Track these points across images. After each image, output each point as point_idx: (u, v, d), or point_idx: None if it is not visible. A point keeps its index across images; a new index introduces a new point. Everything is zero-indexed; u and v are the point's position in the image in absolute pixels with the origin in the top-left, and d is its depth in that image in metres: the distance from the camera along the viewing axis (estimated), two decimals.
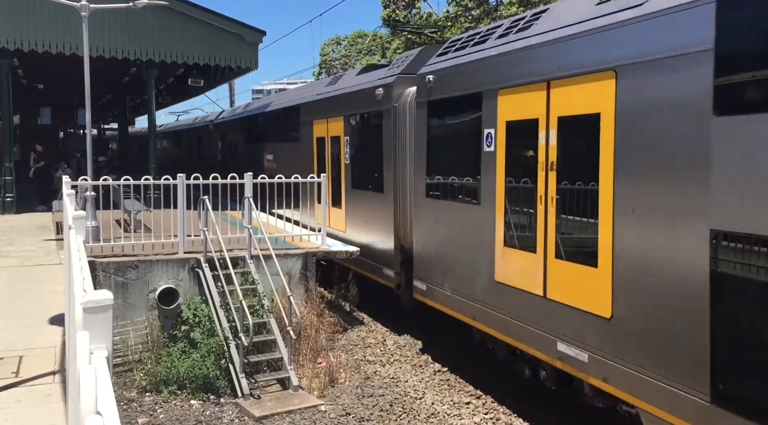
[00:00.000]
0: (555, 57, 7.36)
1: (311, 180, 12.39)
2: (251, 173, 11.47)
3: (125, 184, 11.27)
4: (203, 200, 10.72)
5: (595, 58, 6.71)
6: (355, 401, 9.02)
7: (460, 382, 9.78)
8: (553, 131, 7.35)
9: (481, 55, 8.92)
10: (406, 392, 9.37)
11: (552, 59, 7.40)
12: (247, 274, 10.56)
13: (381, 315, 13.30)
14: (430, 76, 10.13)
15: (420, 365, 10.57)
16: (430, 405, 8.94)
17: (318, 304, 11.45)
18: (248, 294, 10.14)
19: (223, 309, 9.89)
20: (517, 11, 21.71)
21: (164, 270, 10.42)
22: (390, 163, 11.90)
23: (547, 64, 7.47)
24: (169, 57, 16.66)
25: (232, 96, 41.84)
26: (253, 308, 9.82)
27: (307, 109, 16.15)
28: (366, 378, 9.90)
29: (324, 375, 9.55)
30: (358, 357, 10.93)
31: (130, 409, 8.71)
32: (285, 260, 11.12)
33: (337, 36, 50.13)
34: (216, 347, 9.40)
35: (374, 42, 44.06)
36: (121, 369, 9.60)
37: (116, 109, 33.66)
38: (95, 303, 2.69)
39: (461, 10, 27.81)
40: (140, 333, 10.03)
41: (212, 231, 10.47)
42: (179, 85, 24.16)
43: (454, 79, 9.62)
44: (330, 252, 12.28)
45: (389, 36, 33.65)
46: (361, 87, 13.34)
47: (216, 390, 9.14)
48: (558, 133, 7.31)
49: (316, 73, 47.42)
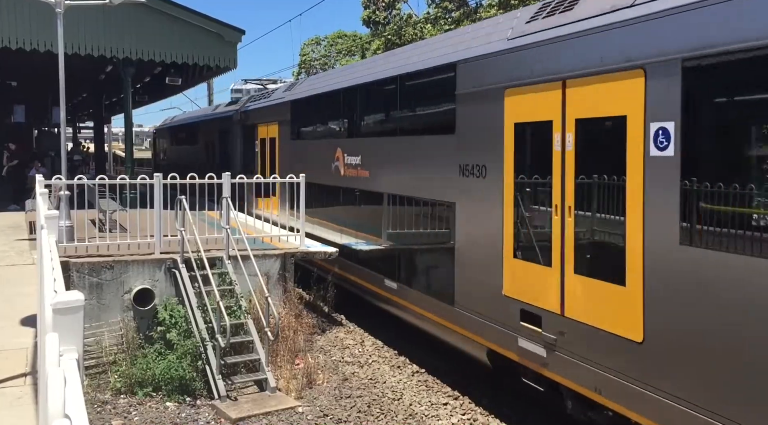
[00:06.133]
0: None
1: (290, 180, 12.32)
2: (229, 173, 11.37)
3: (101, 183, 11.13)
4: (180, 200, 10.61)
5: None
6: (333, 402, 8.99)
7: (438, 383, 9.79)
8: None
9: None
10: (384, 393, 9.35)
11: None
12: (224, 275, 10.47)
13: (359, 317, 13.28)
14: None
15: (398, 366, 10.57)
16: (408, 406, 8.94)
17: (296, 305, 11.38)
18: (225, 295, 10.05)
19: (199, 310, 9.79)
20: (497, 13, 21.84)
21: (140, 270, 10.29)
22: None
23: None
24: (146, 55, 16.46)
25: (210, 95, 41.52)
26: (230, 309, 9.74)
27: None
28: (344, 380, 9.86)
29: (302, 377, 9.50)
30: (336, 359, 10.89)
31: (104, 412, 8.58)
32: (263, 261, 11.04)
33: (317, 36, 50.04)
34: (192, 348, 9.30)
35: (354, 43, 44.03)
36: (94, 371, 9.46)
37: (92, 108, 33.19)
38: (65, 304, 2.64)
39: (441, 11, 27.91)
40: (115, 334, 9.90)
41: (189, 231, 10.36)
42: (156, 84, 23.88)
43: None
44: (309, 253, 12.21)
45: (369, 37, 33.65)
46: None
47: (192, 392, 9.04)
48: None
49: (295, 73, 47.30)
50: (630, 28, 6.39)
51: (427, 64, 10.13)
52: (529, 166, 7.77)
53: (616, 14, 6.60)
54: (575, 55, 7.01)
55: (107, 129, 39.27)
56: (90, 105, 33.29)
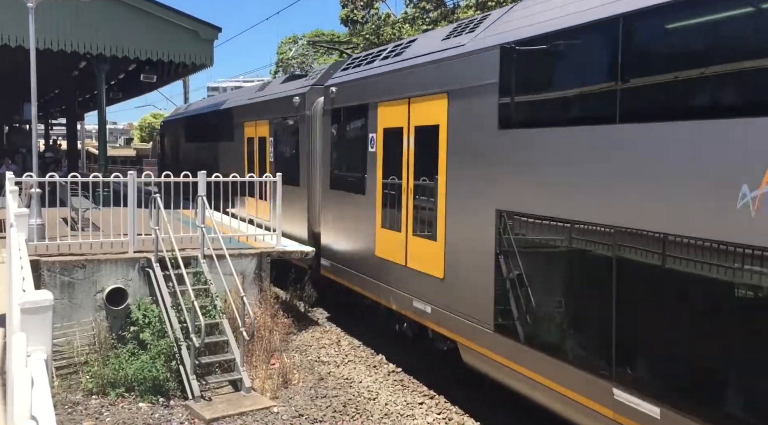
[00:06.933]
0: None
1: (266, 179, 12.26)
2: (205, 171, 11.27)
3: (73, 181, 10.95)
4: (154, 198, 10.49)
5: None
6: (309, 402, 8.95)
7: (414, 383, 9.80)
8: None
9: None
10: (360, 393, 9.34)
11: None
12: (199, 274, 10.37)
13: (336, 316, 13.25)
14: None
15: (374, 366, 10.56)
16: (384, 405, 8.94)
17: (272, 305, 11.33)
18: (200, 294, 9.96)
19: (174, 310, 9.69)
20: (475, 13, 21.94)
21: (113, 269, 10.15)
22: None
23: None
24: (120, 51, 16.24)
25: (186, 93, 41.10)
26: (205, 309, 9.65)
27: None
28: (320, 379, 9.84)
29: (277, 377, 9.45)
30: (312, 358, 10.85)
31: (75, 412, 8.45)
32: (239, 260, 10.96)
33: (294, 35, 49.81)
34: (166, 348, 9.20)
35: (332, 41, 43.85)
36: (66, 372, 9.32)
37: (65, 104, 32.65)
38: (34, 304, 2.59)
39: (419, 11, 27.96)
40: (87, 334, 9.75)
41: (164, 230, 10.25)
42: (131, 81, 23.58)
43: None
44: (285, 253, 12.16)
45: (347, 35, 33.61)
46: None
47: (166, 393, 8.94)
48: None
49: (273, 72, 47.03)
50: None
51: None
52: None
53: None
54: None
55: (80, 126, 38.69)
56: (62, 101, 32.75)
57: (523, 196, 7.23)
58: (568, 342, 6.67)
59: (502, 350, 7.55)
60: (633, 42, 6.00)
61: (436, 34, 10.20)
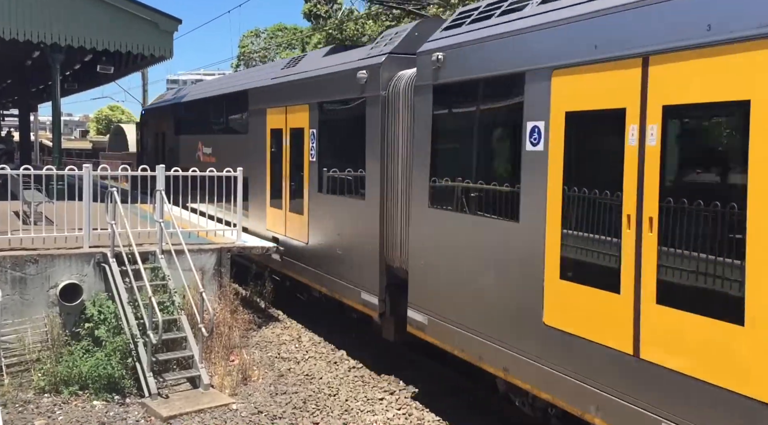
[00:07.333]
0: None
1: (227, 174, 12.10)
2: (164, 165, 11.08)
3: (25, 173, 10.65)
4: (111, 192, 10.28)
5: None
6: (268, 399, 8.90)
7: (375, 378, 9.83)
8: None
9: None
10: (320, 389, 9.32)
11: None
12: (157, 270, 10.20)
13: (296, 312, 13.19)
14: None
15: (335, 362, 10.55)
16: (344, 401, 8.94)
17: (232, 301, 11.22)
18: (158, 290, 9.80)
19: (130, 306, 9.51)
20: (438, 11, 22.04)
21: (67, 265, 9.91)
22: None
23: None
24: (76, 41, 15.80)
25: (144, 85, 40.28)
26: (163, 304, 9.50)
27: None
28: (280, 376, 9.79)
29: (236, 373, 9.36)
30: (272, 355, 10.79)
31: (26, 411, 8.24)
32: (198, 255, 10.82)
33: (256, 28, 49.31)
34: (122, 345, 9.03)
35: (295, 36, 43.64)
36: (16, 370, 9.08)
37: (17, 95, 31.68)
38: None
39: (382, 7, 27.95)
40: (39, 331, 9.50)
41: (121, 224, 10.05)
42: (87, 72, 23.00)
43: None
44: (246, 248, 12.06)
45: (310, 30, 33.41)
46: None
47: (121, 390, 8.78)
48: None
49: (234, 65, 46.48)
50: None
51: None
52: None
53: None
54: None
55: (34, 117, 37.60)
56: (15, 92, 31.77)
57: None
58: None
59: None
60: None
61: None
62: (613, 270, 5.61)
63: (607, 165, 5.81)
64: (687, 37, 5.02)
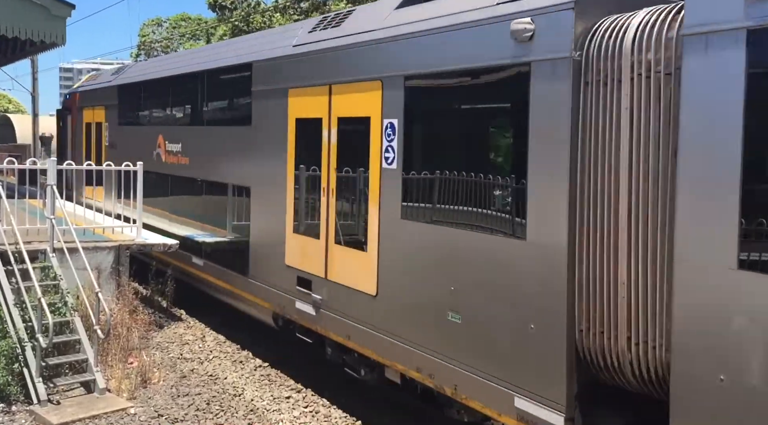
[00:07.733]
0: None
1: (125, 168, 11.58)
2: (55, 159, 10.46)
3: None
4: None
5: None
6: (169, 401, 8.60)
7: (281, 377, 9.71)
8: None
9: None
10: (225, 389, 9.11)
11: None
12: (48, 269, 9.62)
13: (200, 312, 12.81)
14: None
15: (240, 361, 10.35)
16: (250, 401, 8.78)
17: (131, 301, 10.77)
18: (49, 290, 9.25)
19: (17, 308, 8.92)
20: (345, 6, 22.03)
21: None
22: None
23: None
24: None
25: (34, 73, 37.85)
26: (54, 306, 8.98)
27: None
28: (182, 377, 9.48)
29: (135, 376, 8.99)
30: (175, 355, 10.44)
31: None
32: (94, 254, 10.30)
33: (158, 17, 47.47)
34: (8, 350, 8.45)
35: (199, 26, 42.35)
36: None
37: None
38: None
39: (290, 1, 27.63)
40: None
41: (6, 221, 9.40)
42: None
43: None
44: (146, 245, 11.59)
45: (215, 21, 32.55)
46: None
47: (7, 398, 8.23)
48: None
49: (134, 54, 44.54)
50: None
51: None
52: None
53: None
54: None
55: None
56: None
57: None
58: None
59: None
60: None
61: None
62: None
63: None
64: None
